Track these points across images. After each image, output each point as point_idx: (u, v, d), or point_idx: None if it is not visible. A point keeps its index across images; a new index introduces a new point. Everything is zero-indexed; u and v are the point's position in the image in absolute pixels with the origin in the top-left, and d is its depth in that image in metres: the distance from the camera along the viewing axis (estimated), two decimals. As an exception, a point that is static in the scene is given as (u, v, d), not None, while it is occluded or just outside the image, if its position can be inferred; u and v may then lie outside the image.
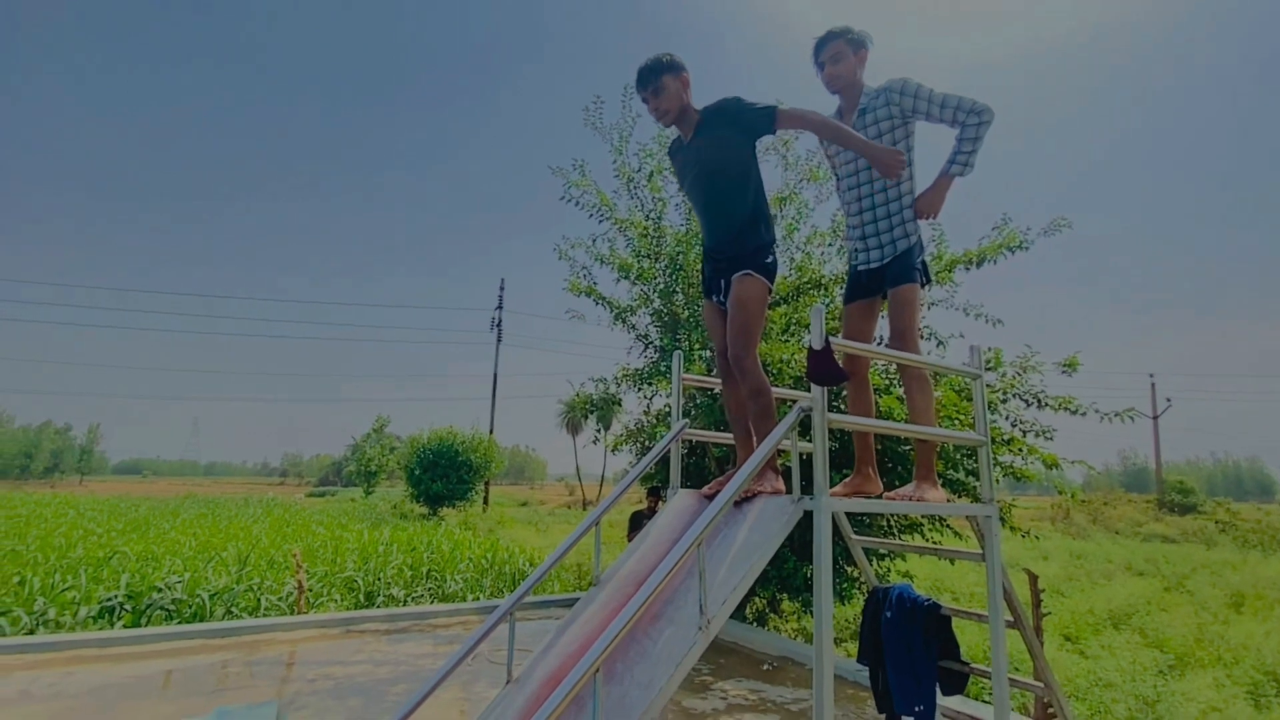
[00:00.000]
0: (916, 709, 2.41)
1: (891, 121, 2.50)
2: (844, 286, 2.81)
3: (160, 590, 7.01)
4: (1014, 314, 6.76)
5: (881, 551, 6.21)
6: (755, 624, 7.46)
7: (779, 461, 2.30)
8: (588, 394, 7.70)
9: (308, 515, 18.90)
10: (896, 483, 5.40)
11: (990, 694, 5.65)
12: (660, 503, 7.22)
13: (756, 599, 7.92)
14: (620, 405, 7.93)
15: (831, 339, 1.79)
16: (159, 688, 4.82)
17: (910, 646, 2.45)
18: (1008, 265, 6.21)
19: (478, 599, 8.43)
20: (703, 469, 7.62)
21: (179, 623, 6.61)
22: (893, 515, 5.98)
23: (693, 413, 6.61)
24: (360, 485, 43.15)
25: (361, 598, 8.20)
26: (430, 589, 8.84)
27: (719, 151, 2.44)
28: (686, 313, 7.78)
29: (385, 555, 9.84)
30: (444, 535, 12.72)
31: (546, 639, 2.02)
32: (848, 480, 2.58)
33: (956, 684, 2.48)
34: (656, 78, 2.45)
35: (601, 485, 45.00)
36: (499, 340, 25.12)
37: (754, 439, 2.29)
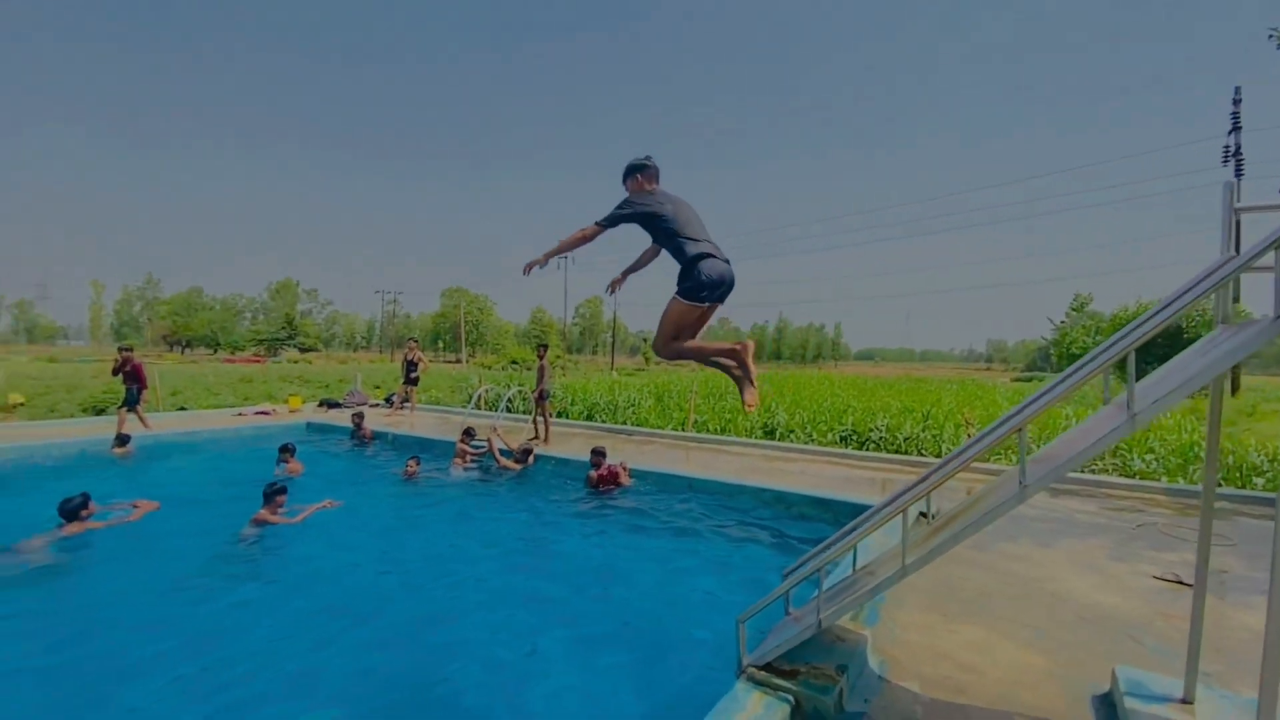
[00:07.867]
0: None
1: None
2: None
3: (873, 430, 9.88)
4: None
5: None
6: None
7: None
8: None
9: (998, 393, 20.01)
10: None
11: None
12: None
13: None
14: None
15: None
16: (875, 487, 7.25)
17: None
18: None
19: (1175, 482, 7.55)
20: None
21: (884, 451, 9.22)
22: None
23: None
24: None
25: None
26: (1115, 464, 8.55)
27: None
28: None
29: (1065, 428, 10.02)
30: (1145, 417, 11.37)
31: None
32: None
33: None
34: None
35: None
36: (1238, 174, 17.73)
37: None
